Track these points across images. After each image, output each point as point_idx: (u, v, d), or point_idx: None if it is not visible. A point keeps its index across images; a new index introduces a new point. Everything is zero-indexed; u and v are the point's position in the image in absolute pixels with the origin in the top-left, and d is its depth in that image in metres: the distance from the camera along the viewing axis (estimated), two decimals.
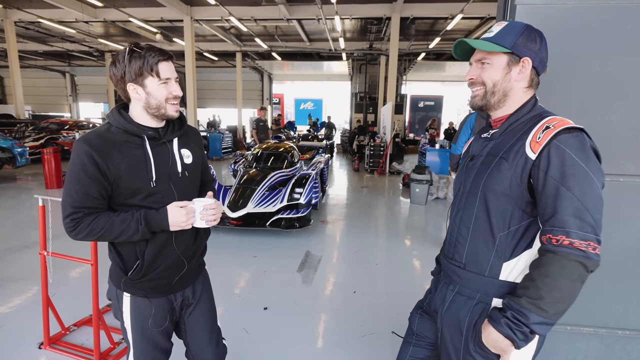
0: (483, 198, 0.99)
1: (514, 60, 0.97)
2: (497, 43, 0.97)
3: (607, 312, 1.47)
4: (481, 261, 1.00)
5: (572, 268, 0.84)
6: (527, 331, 0.87)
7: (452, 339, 1.06)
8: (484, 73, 1.00)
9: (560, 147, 0.88)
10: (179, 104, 1.23)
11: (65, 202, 1.12)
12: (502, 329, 0.89)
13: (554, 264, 0.85)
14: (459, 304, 1.04)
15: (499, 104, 1.02)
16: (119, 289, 1.27)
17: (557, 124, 0.90)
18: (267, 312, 2.80)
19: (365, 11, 10.50)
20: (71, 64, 19.29)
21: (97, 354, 2.09)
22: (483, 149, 1.05)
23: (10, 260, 3.66)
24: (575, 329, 1.49)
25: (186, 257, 1.29)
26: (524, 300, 0.87)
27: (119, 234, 1.14)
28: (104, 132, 1.16)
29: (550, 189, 0.87)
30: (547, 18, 1.36)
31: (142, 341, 1.29)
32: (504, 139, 1.00)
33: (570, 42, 1.37)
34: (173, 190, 1.23)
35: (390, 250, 4.37)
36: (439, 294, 1.14)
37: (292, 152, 5.83)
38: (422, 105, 20.46)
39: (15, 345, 2.28)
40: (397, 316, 2.70)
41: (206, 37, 14.19)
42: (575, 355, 1.52)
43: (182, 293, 1.35)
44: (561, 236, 0.85)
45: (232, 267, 3.65)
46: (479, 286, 1.01)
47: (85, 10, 10.47)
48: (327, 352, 2.35)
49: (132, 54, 1.11)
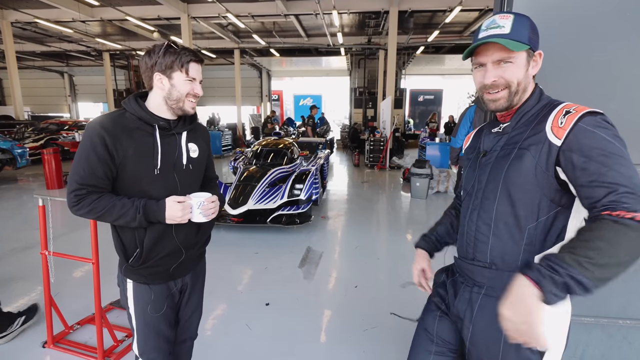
0: (506, 192, 0.94)
1: (531, 54, 0.95)
2: (517, 40, 0.91)
3: (609, 302, 1.47)
4: (510, 257, 0.95)
5: (635, 237, 0.75)
6: (561, 282, 0.74)
7: (487, 346, 0.97)
8: (506, 73, 0.94)
9: (589, 129, 0.84)
10: (196, 102, 1.29)
11: (72, 178, 1.17)
12: (531, 274, 0.78)
13: (611, 229, 0.76)
14: (493, 307, 0.91)
15: (518, 100, 0.98)
16: (123, 275, 1.32)
17: (577, 108, 0.88)
18: (270, 307, 2.81)
19: (363, 5, 10.43)
20: (69, 64, 19.25)
21: (101, 351, 2.10)
22: (496, 143, 1.01)
23: (13, 260, 3.67)
24: (576, 319, 1.49)
25: (186, 246, 1.34)
26: (567, 256, 0.76)
27: (118, 218, 1.18)
28: (118, 117, 1.22)
29: (595, 169, 0.81)
30: (546, 7, 1.34)
31: (144, 327, 1.33)
32: (519, 131, 0.96)
33: (569, 31, 1.36)
34: (176, 181, 1.28)
35: (391, 245, 4.37)
36: (461, 299, 1.05)
37: (291, 148, 5.83)
38: (421, 99, 20.39)
39: (19, 345, 2.30)
40: (399, 310, 2.70)
41: (204, 34, 14.12)
42: (577, 345, 1.52)
43: (182, 279, 1.40)
44: (620, 211, 0.77)
45: (234, 264, 3.66)
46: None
47: (82, 10, 10.43)
48: (329, 346, 2.36)
49: (168, 49, 1.18)
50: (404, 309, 2.69)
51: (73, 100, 22.63)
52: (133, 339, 1.37)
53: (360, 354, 2.27)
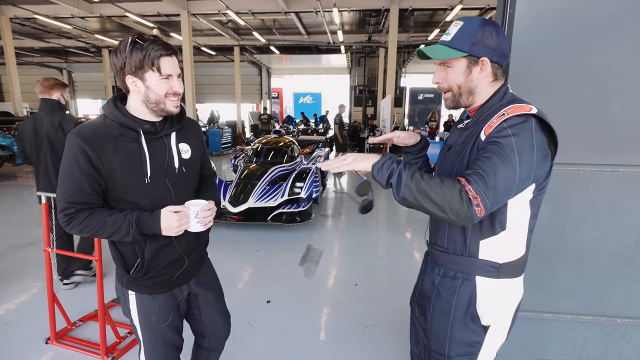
0: None
1: (473, 61, 1.00)
2: (454, 48, 0.99)
3: (607, 301, 1.49)
4: (460, 243, 1.06)
5: (456, 186, 0.87)
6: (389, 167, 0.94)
7: (440, 320, 1.11)
8: (448, 77, 1.04)
9: (504, 127, 0.91)
10: (179, 100, 1.20)
11: (59, 196, 1.11)
12: (386, 155, 0.97)
13: (450, 179, 0.90)
14: (446, 286, 1.09)
15: (468, 101, 1.06)
16: (124, 287, 1.27)
17: (512, 110, 0.93)
18: (270, 305, 2.83)
19: (364, 3, 10.40)
20: (68, 61, 19.16)
21: (104, 347, 2.12)
22: (458, 138, 1.09)
23: (14, 257, 3.68)
24: (574, 317, 1.52)
25: (187, 253, 1.29)
26: (414, 167, 0.93)
27: (111, 234, 1.12)
28: (99, 125, 1.13)
29: (479, 159, 0.92)
30: (548, 9, 1.35)
31: (151, 337, 1.29)
32: (475, 127, 1.03)
33: (570, 32, 1.37)
34: (169, 187, 1.20)
35: (391, 243, 4.40)
36: (427, 278, 1.19)
37: (292, 146, 5.83)
38: (421, 97, 20.35)
39: (23, 341, 2.31)
40: (400, 308, 2.73)
41: (203, 31, 14.07)
42: (574, 344, 1.55)
43: (188, 286, 1.35)
44: (467, 185, 0.88)
45: (234, 261, 3.68)
46: (462, 266, 1.06)
47: (81, 6, 10.38)
48: (329, 343, 2.38)
49: (134, 45, 1.07)
50: (405, 309, 2.71)
51: (72, 96, 22.54)
52: (140, 349, 1.33)
53: (360, 350, 2.30)
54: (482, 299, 1.04)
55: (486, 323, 1.05)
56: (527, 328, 1.55)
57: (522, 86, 1.39)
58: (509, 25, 1.37)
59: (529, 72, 1.41)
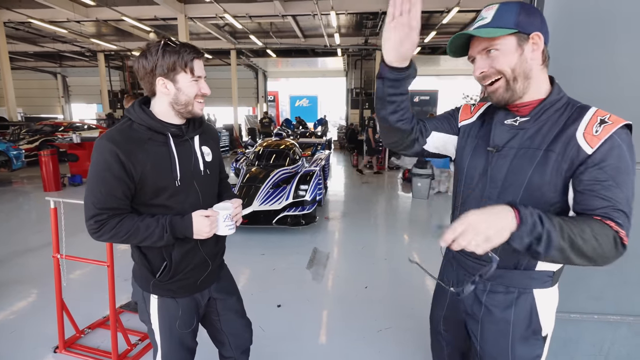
0: (528, 195, 0.92)
1: (523, 38, 0.89)
2: (498, 27, 0.88)
3: (634, 301, 1.48)
4: (516, 255, 0.96)
5: (609, 234, 0.80)
6: (537, 231, 0.76)
7: (496, 341, 1.03)
8: (496, 62, 0.90)
9: (619, 142, 0.84)
10: (204, 102, 1.21)
11: (89, 202, 1.09)
12: (522, 209, 0.78)
13: (601, 226, 0.81)
14: (498, 303, 1.01)
15: (524, 90, 0.92)
16: (147, 292, 1.25)
17: (612, 118, 0.87)
18: (281, 309, 2.79)
19: (361, 6, 10.44)
20: (62, 65, 19.00)
21: (115, 355, 2.06)
22: (512, 138, 0.96)
23: (14, 264, 3.60)
24: (602, 317, 1.50)
25: (210, 257, 1.30)
26: (558, 220, 0.79)
27: (144, 239, 1.12)
28: (127, 130, 1.12)
29: (603, 183, 0.84)
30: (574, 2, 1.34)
31: (170, 342, 1.29)
32: (542, 128, 0.92)
33: (598, 26, 1.36)
34: (197, 189, 1.21)
35: (397, 245, 4.38)
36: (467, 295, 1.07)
37: (293, 149, 5.81)
38: (417, 100, 20.46)
39: (30, 350, 2.25)
40: (413, 311, 2.70)
41: (200, 35, 14.04)
42: (602, 344, 1.53)
43: (209, 290, 1.36)
44: (610, 222, 0.82)
45: (241, 265, 3.63)
46: (515, 281, 0.98)
47: (77, 10, 10.29)
48: (344, 348, 2.34)
49: (166, 48, 1.08)
50: (418, 312, 2.69)
51: (66, 101, 22.32)
52: (156, 353, 1.32)
53: (375, 354, 2.27)
54: (541, 310, 0.99)
55: (544, 333, 1.02)
56: (556, 329, 1.53)
57: None
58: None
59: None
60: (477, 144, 1.04)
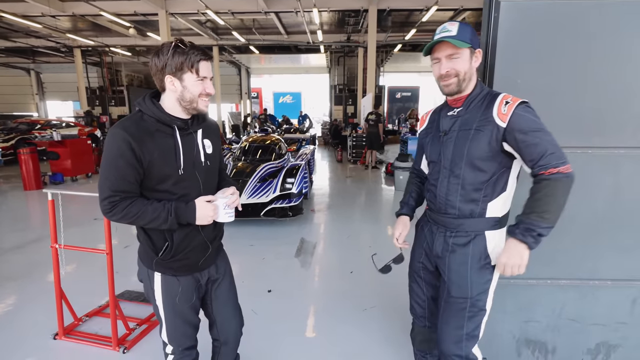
0: (469, 162, 1.28)
1: (472, 51, 1.27)
2: (462, 40, 1.23)
3: (580, 266, 1.71)
4: (472, 208, 1.31)
5: (564, 184, 1.15)
6: (536, 234, 1.16)
7: (459, 271, 1.35)
8: (457, 65, 1.26)
9: (522, 114, 1.20)
10: (209, 100, 1.32)
11: (104, 185, 1.20)
12: (519, 236, 1.19)
13: (549, 186, 1.15)
14: (461, 245, 1.34)
15: (464, 86, 1.29)
16: (151, 269, 1.36)
17: (512, 98, 1.23)
18: (272, 294, 2.95)
19: (343, 3, 10.61)
20: (36, 61, 18.33)
21: (115, 339, 2.17)
22: (453, 124, 1.33)
23: (2, 260, 3.61)
24: (554, 282, 1.73)
25: (209, 240, 1.41)
26: (534, 215, 1.16)
27: (150, 221, 1.23)
28: (138, 120, 1.23)
29: (531, 141, 1.17)
30: (528, 13, 1.56)
31: (173, 316, 1.40)
32: (470, 114, 1.29)
33: (549, 33, 1.58)
34: (198, 178, 1.32)
35: (381, 234, 4.59)
36: (437, 242, 1.42)
37: (279, 144, 5.94)
38: (399, 96, 20.86)
39: (31, 337, 2.33)
40: (395, 290, 2.91)
41: (181, 31, 13.86)
42: (554, 305, 1.76)
43: (208, 271, 1.47)
44: (550, 169, 1.15)
45: (231, 255, 3.65)
46: (473, 226, 1.32)
47: (52, 4, 10.03)
48: (334, 325, 2.52)
49: (176, 49, 1.19)
50: (400, 292, 2.89)
51: (41, 98, 21.59)
52: (161, 328, 1.42)
53: (362, 329, 2.46)
54: (490, 245, 1.32)
55: (493, 263, 1.33)
56: (515, 294, 1.76)
57: (506, 79, 1.59)
58: (494, 27, 1.57)
59: (512, 67, 1.61)
60: (433, 135, 1.44)
